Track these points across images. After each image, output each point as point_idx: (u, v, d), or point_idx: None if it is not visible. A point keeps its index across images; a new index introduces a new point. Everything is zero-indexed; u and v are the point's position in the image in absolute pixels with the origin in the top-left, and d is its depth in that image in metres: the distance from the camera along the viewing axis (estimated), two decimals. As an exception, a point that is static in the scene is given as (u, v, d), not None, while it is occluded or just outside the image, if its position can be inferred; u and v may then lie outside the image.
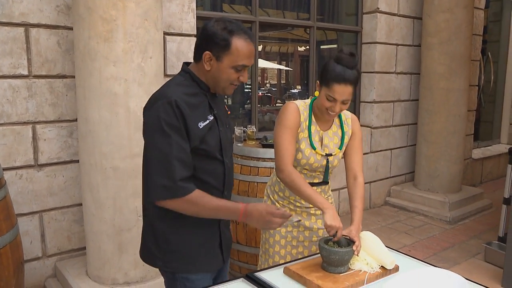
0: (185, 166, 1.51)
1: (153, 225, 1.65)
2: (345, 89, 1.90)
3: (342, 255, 1.72)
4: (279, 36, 6.25)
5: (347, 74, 1.88)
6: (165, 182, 1.48)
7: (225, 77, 1.59)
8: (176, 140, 1.49)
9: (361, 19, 5.26)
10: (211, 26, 1.55)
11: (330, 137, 2.13)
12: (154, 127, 1.50)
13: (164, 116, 1.48)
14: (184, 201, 1.51)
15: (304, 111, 2.08)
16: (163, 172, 1.48)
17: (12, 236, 2.34)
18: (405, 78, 5.55)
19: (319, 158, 2.08)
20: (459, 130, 5.20)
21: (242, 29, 1.56)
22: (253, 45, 1.58)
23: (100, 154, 2.76)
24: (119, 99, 2.70)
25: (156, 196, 1.52)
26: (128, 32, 2.66)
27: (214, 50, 1.54)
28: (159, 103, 1.51)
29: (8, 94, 2.95)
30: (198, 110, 1.58)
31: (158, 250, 1.65)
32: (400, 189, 5.54)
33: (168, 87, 1.58)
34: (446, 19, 4.93)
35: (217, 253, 1.74)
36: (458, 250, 4.18)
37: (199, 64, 1.61)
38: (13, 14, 2.91)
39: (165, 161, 1.48)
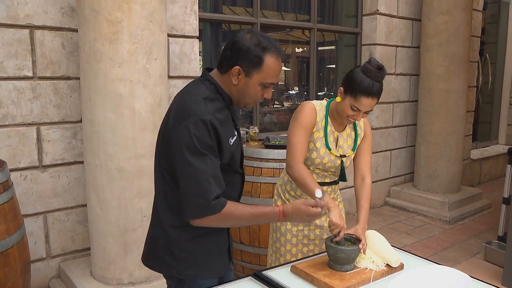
0: (219, 184, 1.49)
1: (168, 234, 1.62)
2: (371, 102, 1.94)
3: (348, 253, 1.75)
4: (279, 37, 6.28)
5: (375, 88, 1.91)
6: (200, 201, 1.46)
7: (252, 93, 1.57)
8: (211, 159, 1.46)
9: (361, 20, 5.30)
10: (245, 40, 1.50)
11: (345, 139, 2.17)
12: (188, 146, 1.45)
13: (198, 135, 1.44)
14: (219, 217, 1.49)
15: (320, 112, 2.12)
16: (199, 191, 1.45)
17: (19, 237, 2.36)
18: (404, 79, 5.59)
19: (333, 158, 2.12)
20: (458, 131, 5.24)
21: (275, 46, 1.53)
22: (281, 62, 1.57)
23: (105, 154, 2.78)
24: (124, 100, 2.72)
25: (192, 215, 1.50)
26: (133, 34, 2.69)
27: (244, 66, 1.51)
28: (191, 120, 1.45)
29: (13, 96, 2.97)
30: (227, 126, 1.57)
31: (172, 258, 1.63)
32: (400, 190, 5.58)
33: (197, 102, 1.50)
34: (445, 21, 4.97)
35: (226, 256, 1.77)
36: (458, 250, 4.21)
37: (224, 76, 1.56)
38: (18, 16, 2.93)
39: (201, 180, 1.45)
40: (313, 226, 2.22)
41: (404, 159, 5.81)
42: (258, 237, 3.23)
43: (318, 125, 2.11)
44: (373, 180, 5.40)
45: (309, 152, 2.12)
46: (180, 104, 1.55)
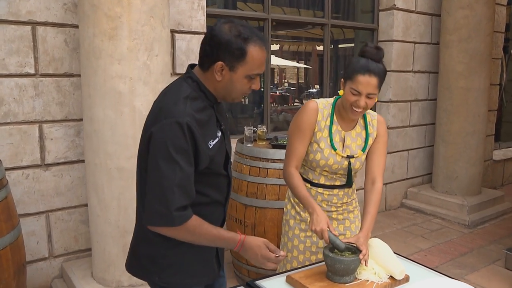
0: (185, 194, 1.40)
1: (150, 239, 1.53)
2: (370, 81, 1.81)
3: (347, 264, 1.63)
4: (295, 34, 6.16)
5: (372, 65, 1.82)
6: (161, 209, 1.37)
7: (239, 87, 1.47)
8: (181, 166, 1.37)
9: (377, 16, 5.12)
10: (224, 32, 1.40)
11: (353, 138, 2.03)
12: (159, 149, 1.37)
13: (173, 138, 1.36)
14: (179, 230, 1.41)
15: (324, 110, 2.00)
16: (162, 198, 1.37)
17: (13, 238, 2.31)
18: (422, 77, 5.39)
19: (339, 159, 1.99)
20: (479, 131, 5.02)
21: (256, 35, 1.44)
22: (266, 51, 1.48)
23: (104, 154, 2.71)
24: (124, 98, 2.65)
25: (150, 222, 1.42)
26: (133, 29, 2.61)
27: (227, 60, 1.41)
28: (167, 121, 1.37)
29: (15, 93, 2.93)
30: (208, 128, 1.47)
31: (154, 265, 1.55)
32: (417, 191, 5.39)
33: (176, 102, 1.41)
34: (466, 15, 4.75)
35: (213, 263, 1.66)
36: (476, 256, 4.02)
37: (207, 73, 1.46)
38: (20, 13, 2.88)
39: (165, 187, 1.36)
40: None
41: (422, 159, 5.60)
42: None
43: (321, 124, 1.99)
44: (389, 181, 5.30)
45: (313, 154, 2.00)
46: (159, 103, 1.47)
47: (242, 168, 3.21)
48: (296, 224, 2.13)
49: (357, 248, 1.72)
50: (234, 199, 3.25)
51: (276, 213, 3.05)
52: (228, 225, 3.37)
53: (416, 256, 3.97)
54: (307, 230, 2.09)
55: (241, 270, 3.36)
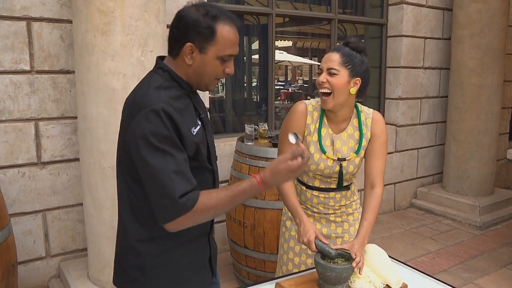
0: (185, 179, 1.29)
1: (136, 250, 1.42)
2: (331, 56, 1.79)
3: (339, 272, 1.53)
4: (305, 30, 6.05)
5: (339, 46, 1.82)
6: (167, 202, 1.27)
7: (211, 70, 1.37)
8: (171, 153, 1.27)
9: (387, 11, 4.97)
10: (191, 12, 1.32)
11: (344, 140, 1.90)
12: (142, 143, 1.27)
13: (152, 128, 1.26)
14: (194, 214, 1.29)
15: (314, 112, 1.90)
16: (162, 191, 1.27)
17: (2, 238, 2.26)
18: (433, 73, 5.22)
19: (330, 164, 1.87)
20: (492, 129, 4.84)
21: (226, 14, 1.35)
22: (238, 31, 1.38)
23: (98, 152, 2.65)
24: (117, 95, 2.58)
25: (163, 220, 1.31)
26: (126, 24, 2.53)
27: (196, 41, 1.32)
28: (142, 113, 1.27)
29: (10, 90, 2.88)
30: (187, 115, 1.37)
31: (143, 276, 1.44)
32: (427, 191, 5.23)
33: (147, 93, 1.33)
34: (479, 9, 4.58)
35: (207, 267, 1.57)
36: (487, 259, 3.87)
37: (177, 60, 1.38)
38: (15, 8, 2.83)
39: (162, 179, 1.26)
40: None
41: (432, 158, 5.44)
42: (263, 241, 3.03)
43: (310, 128, 1.89)
44: (398, 180, 5.16)
45: None
46: (132, 98, 1.37)
47: (241, 167, 3.12)
48: (293, 225, 2.03)
49: (350, 256, 1.62)
50: (234, 199, 3.16)
51: (276, 214, 2.96)
52: (228, 226, 3.29)
53: (424, 259, 3.84)
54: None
55: (241, 272, 3.28)
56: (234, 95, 4.56)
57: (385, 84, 5.09)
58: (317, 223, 1.99)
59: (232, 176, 3.26)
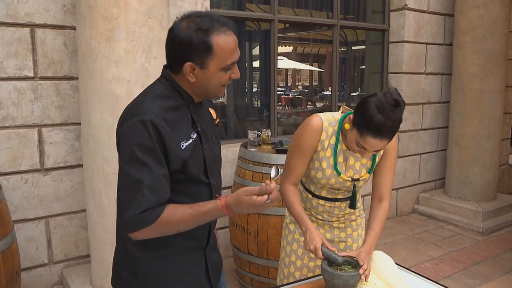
0: (156, 195, 1.29)
1: (130, 253, 1.44)
2: (379, 144, 1.63)
3: (346, 280, 1.53)
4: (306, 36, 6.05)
5: (387, 127, 1.59)
6: (131, 213, 1.27)
7: (216, 82, 1.36)
8: (149, 166, 1.27)
9: (388, 16, 4.98)
10: (182, 30, 1.29)
11: (357, 158, 1.87)
12: (126, 151, 1.29)
13: (137, 137, 1.27)
14: (156, 227, 1.29)
15: (329, 127, 1.84)
16: (131, 201, 1.27)
17: (6, 245, 2.26)
18: (435, 79, 5.23)
19: (341, 180, 1.86)
20: (494, 134, 4.84)
21: (219, 21, 1.31)
22: (234, 35, 1.33)
23: (102, 159, 2.65)
24: (121, 101, 2.58)
25: (127, 229, 1.32)
26: (130, 31, 2.54)
27: (195, 59, 1.30)
28: (131, 122, 1.28)
29: (13, 97, 2.88)
30: (180, 128, 1.36)
31: (135, 280, 1.44)
32: (430, 197, 5.22)
33: (143, 101, 1.34)
34: (480, 15, 4.59)
35: (203, 280, 1.54)
36: (491, 265, 3.85)
37: (179, 76, 1.36)
38: (18, 15, 2.84)
39: (134, 190, 1.27)
40: None
41: (434, 164, 5.44)
42: (266, 248, 3.02)
43: (324, 144, 1.84)
44: (400, 186, 5.15)
45: (315, 171, 1.87)
46: (129, 105, 1.39)
47: (244, 174, 3.12)
48: (296, 229, 2.03)
49: (357, 262, 1.61)
50: (237, 205, 3.16)
51: (279, 220, 2.95)
52: (231, 232, 3.28)
53: (427, 265, 3.82)
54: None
55: (244, 278, 3.26)
56: (236, 101, 4.56)
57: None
58: (321, 228, 2.00)
59: (235, 182, 3.26)
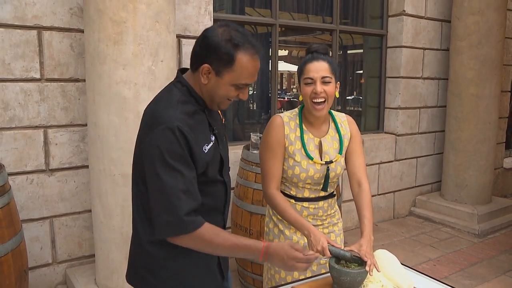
0: (192, 198, 1.35)
1: (147, 251, 1.49)
2: (320, 65, 1.83)
3: (354, 277, 1.57)
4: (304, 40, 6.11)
5: (318, 54, 1.86)
6: (171, 218, 1.33)
7: (223, 94, 1.41)
8: (181, 171, 1.32)
9: (386, 22, 5.07)
10: (215, 35, 1.36)
11: (329, 143, 1.97)
12: (155, 158, 1.33)
13: (166, 145, 1.32)
14: (193, 238, 1.35)
15: (291, 122, 1.94)
16: (169, 207, 1.32)
17: (15, 244, 2.29)
18: (432, 83, 5.31)
19: (319, 167, 1.92)
20: (489, 138, 4.93)
21: (250, 42, 1.37)
22: (259, 61, 1.41)
23: (109, 160, 2.69)
24: (129, 103, 2.62)
25: (162, 233, 1.37)
26: (138, 34, 2.59)
27: (214, 64, 1.36)
28: (158, 129, 1.33)
29: (20, 98, 2.92)
30: (200, 132, 1.42)
31: (153, 276, 1.50)
32: (426, 199, 5.30)
33: (166, 108, 1.38)
34: (476, 21, 4.69)
35: (215, 273, 1.60)
36: (487, 266, 3.93)
37: (195, 75, 1.42)
38: (26, 17, 2.88)
39: (170, 195, 1.32)
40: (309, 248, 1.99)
41: (431, 167, 5.52)
42: (268, 248, 3.06)
43: (290, 137, 1.92)
44: (397, 188, 5.22)
45: (292, 169, 1.92)
46: (150, 111, 1.43)
47: (247, 175, 3.17)
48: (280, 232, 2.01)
49: (364, 260, 1.66)
50: (240, 207, 3.21)
51: (282, 221, 3.00)
52: (234, 233, 3.32)
53: (424, 266, 3.89)
54: (293, 238, 1.98)
55: (246, 279, 3.31)
56: (237, 104, 4.62)
57: (385, 94, 5.17)
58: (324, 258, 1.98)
59: (238, 184, 3.31)
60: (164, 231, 1.36)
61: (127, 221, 2.72)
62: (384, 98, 5.18)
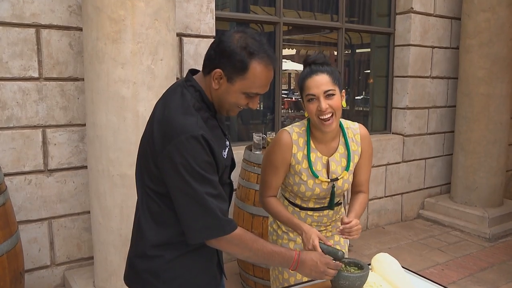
0: (223, 201, 1.38)
1: (152, 254, 1.46)
2: (320, 79, 1.72)
3: (353, 281, 1.53)
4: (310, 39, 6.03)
5: (316, 67, 1.75)
6: (208, 221, 1.34)
7: (233, 101, 1.39)
8: (210, 178, 1.33)
9: (394, 20, 4.96)
10: (231, 41, 1.33)
11: (337, 161, 1.88)
12: (185, 168, 1.30)
13: (194, 154, 1.30)
14: (234, 240, 1.38)
15: (300, 139, 1.86)
16: (204, 212, 1.33)
17: (10, 245, 2.24)
18: (441, 82, 5.20)
19: (325, 186, 1.86)
20: (501, 139, 4.80)
21: (265, 52, 1.35)
22: (272, 72, 1.38)
23: (107, 160, 2.63)
24: (127, 103, 2.57)
25: (199, 238, 1.37)
26: (137, 32, 2.53)
27: (227, 70, 1.34)
28: (181, 138, 1.29)
29: (18, 97, 2.88)
30: (217, 138, 1.41)
31: (156, 279, 1.47)
32: (435, 202, 5.18)
33: (185, 115, 1.33)
34: (487, 18, 4.57)
35: (215, 272, 1.59)
36: (497, 271, 3.81)
37: (206, 78, 1.39)
38: (24, 15, 2.83)
39: (205, 200, 1.32)
40: None
41: (440, 168, 5.40)
42: (271, 251, 2.99)
43: (298, 157, 1.84)
44: (405, 190, 5.12)
45: (297, 186, 1.86)
46: (166, 117, 1.35)
47: (249, 176, 3.09)
48: (284, 233, 1.99)
49: (364, 264, 1.60)
50: (241, 208, 3.14)
51: (284, 224, 2.92)
52: (235, 235, 3.25)
53: (432, 271, 3.79)
54: (296, 239, 1.96)
55: (248, 282, 3.24)
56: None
57: (392, 94, 5.07)
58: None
59: (240, 185, 3.24)
60: (201, 235, 1.36)
61: (126, 222, 2.67)
62: (391, 98, 5.08)
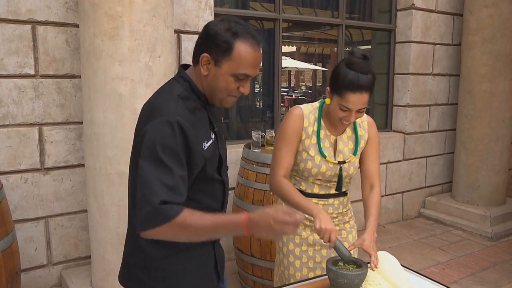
0: (175, 193, 1.26)
1: (143, 251, 1.42)
2: (360, 98, 1.69)
3: (351, 279, 1.50)
4: (311, 36, 5.99)
5: (362, 80, 1.67)
6: (147, 207, 1.24)
7: (223, 86, 1.37)
8: (170, 167, 1.25)
9: (395, 16, 4.91)
10: (214, 25, 1.36)
11: (345, 142, 1.92)
12: (147, 149, 1.27)
13: (161, 138, 1.27)
14: (172, 226, 1.24)
15: (310, 115, 1.89)
16: (148, 197, 1.24)
17: (6, 244, 2.21)
18: (443, 80, 5.15)
19: (331, 166, 1.87)
20: (503, 137, 4.76)
21: (250, 33, 1.35)
22: (260, 52, 1.37)
23: (104, 158, 2.60)
24: (125, 100, 2.53)
25: (141, 227, 1.28)
26: (134, 29, 2.49)
27: (213, 53, 1.34)
28: (157, 120, 1.28)
29: (14, 94, 2.84)
30: (200, 129, 1.39)
31: (148, 277, 1.43)
32: (436, 200, 5.14)
33: (166, 101, 1.34)
34: (490, 14, 4.51)
35: (211, 274, 1.54)
36: (500, 271, 3.77)
37: (197, 68, 1.40)
38: (20, 11, 2.79)
39: (151, 186, 1.24)
40: (318, 246, 1.94)
41: (441, 167, 5.36)
42: (270, 250, 2.96)
43: (308, 131, 1.87)
44: (406, 189, 5.07)
45: (304, 162, 1.88)
46: (150, 104, 1.39)
47: (248, 175, 3.06)
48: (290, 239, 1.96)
49: (362, 262, 1.57)
50: (240, 207, 3.10)
51: (284, 223, 2.89)
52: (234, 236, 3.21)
53: (433, 270, 3.75)
54: (302, 245, 1.95)
55: (247, 281, 3.20)
56: (239, 101, 4.51)
57: (393, 91, 5.03)
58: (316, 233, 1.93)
59: (238, 184, 3.20)
60: (142, 224, 1.26)
61: (123, 221, 2.60)
62: (392, 95, 5.03)
